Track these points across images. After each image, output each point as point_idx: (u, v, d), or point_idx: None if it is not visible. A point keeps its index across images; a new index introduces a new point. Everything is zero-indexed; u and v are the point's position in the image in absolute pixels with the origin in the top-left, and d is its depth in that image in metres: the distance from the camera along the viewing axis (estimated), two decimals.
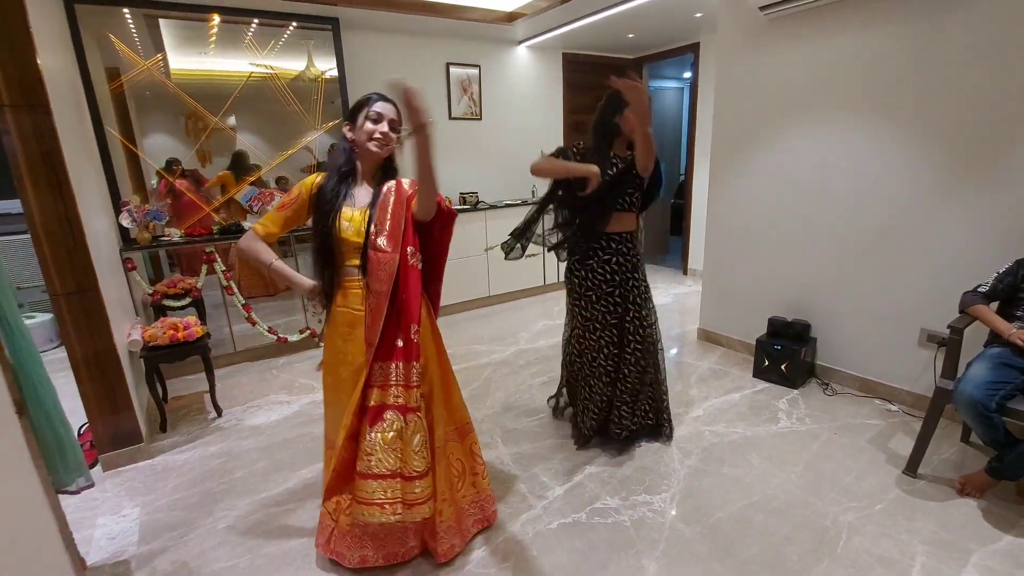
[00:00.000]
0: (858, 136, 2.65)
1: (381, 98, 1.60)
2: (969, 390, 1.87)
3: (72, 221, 2.07)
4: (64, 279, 2.09)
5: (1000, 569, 1.66)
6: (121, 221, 3.13)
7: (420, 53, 4.37)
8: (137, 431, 2.40)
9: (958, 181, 2.36)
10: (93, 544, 1.91)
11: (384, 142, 1.59)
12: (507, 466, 2.28)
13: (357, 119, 1.59)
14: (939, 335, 2.41)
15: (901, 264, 2.59)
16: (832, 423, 2.55)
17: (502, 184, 5.05)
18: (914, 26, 2.37)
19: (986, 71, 2.20)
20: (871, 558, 1.72)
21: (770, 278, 3.18)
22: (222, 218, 3.68)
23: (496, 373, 3.27)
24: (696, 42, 4.88)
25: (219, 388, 2.95)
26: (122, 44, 3.24)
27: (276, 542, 1.88)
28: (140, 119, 3.45)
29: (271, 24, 3.66)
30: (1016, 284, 2.03)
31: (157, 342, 2.59)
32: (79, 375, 2.21)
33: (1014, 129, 2.17)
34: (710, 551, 1.77)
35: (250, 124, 3.78)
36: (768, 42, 2.94)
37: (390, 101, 1.60)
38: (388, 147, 1.60)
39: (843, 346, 2.91)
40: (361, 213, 1.60)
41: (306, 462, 2.36)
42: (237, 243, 1.69)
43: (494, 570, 1.72)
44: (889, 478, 2.12)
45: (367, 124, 1.57)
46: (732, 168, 3.28)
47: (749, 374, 3.09)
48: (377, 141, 1.58)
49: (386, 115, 1.58)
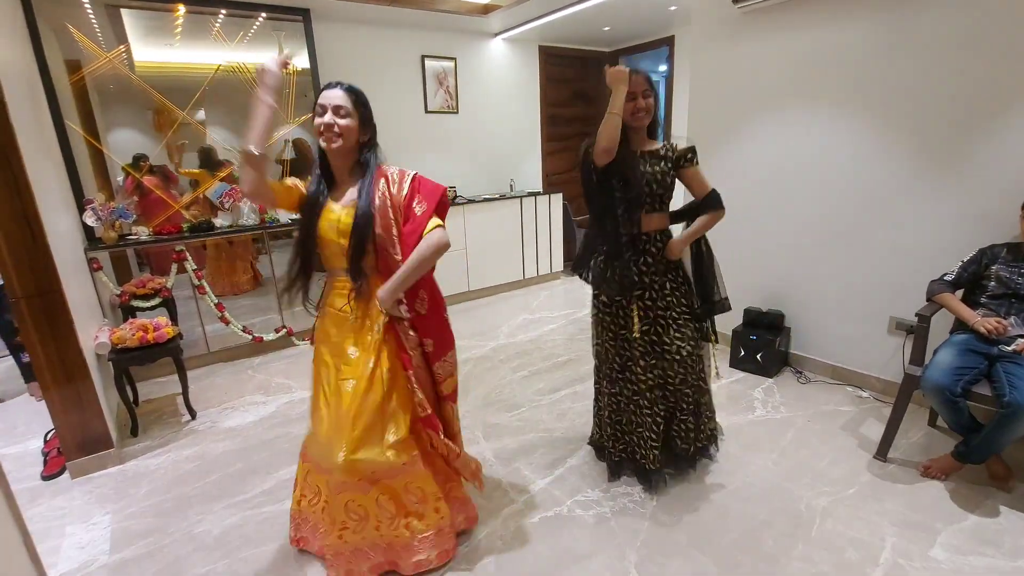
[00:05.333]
0: (829, 128, 2.70)
1: (329, 86, 1.49)
2: (936, 376, 1.92)
3: (31, 220, 1.99)
4: (24, 281, 2.02)
5: (966, 547, 1.72)
6: (85, 220, 3.02)
7: (394, 45, 4.30)
8: (106, 436, 2.33)
9: (925, 172, 2.42)
10: (61, 554, 1.85)
11: (330, 134, 1.47)
12: (489, 461, 2.28)
13: None
14: (907, 323, 2.48)
15: (871, 254, 2.65)
16: (806, 411, 2.60)
17: (480, 178, 5.02)
18: (884, 20, 2.42)
19: (953, 64, 2.26)
20: (844, 540, 1.76)
21: (745, 269, 3.23)
22: (192, 215, 3.58)
23: (476, 368, 3.26)
24: (671, 35, 4.90)
25: (193, 390, 2.88)
26: (82, 35, 3.11)
27: (253, 546, 1.84)
28: (104, 114, 3.33)
29: (239, 15, 3.56)
30: (980, 272, 2.10)
31: (126, 344, 2.52)
32: (43, 380, 2.14)
33: (979, 121, 2.23)
34: (690, 539, 1.80)
35: (220, 118, 3.68)
36: (742, 35, 2.97)
37: (336, 84, 1.49)
38: (337, 137, 1.48)
39: (816, 335, 2.97)
40: (346, 212, 1.52)
41: (283, 463, 2.32)
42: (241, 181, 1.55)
43: (476, 565, 1.72)
44: (860, 463, 2.18)
45: (316, 119, 1.49)
46: (707, 161, 3.26)
47: (726, 364, 3.14)
48: (324, 136, 1.48)
49: (330, 104, 1.46)
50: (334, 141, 1.48)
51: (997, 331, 1.92)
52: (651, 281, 1.97)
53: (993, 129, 2.19)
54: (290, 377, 3.24)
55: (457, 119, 4.77)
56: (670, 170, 1.94)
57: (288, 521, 1.84)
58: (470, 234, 4.57)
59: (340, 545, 1.61)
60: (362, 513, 1.60)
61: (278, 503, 2.05)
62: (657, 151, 1.95)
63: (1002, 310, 2.01)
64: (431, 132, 4.65)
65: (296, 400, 2.92)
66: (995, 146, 2.20)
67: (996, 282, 2.04)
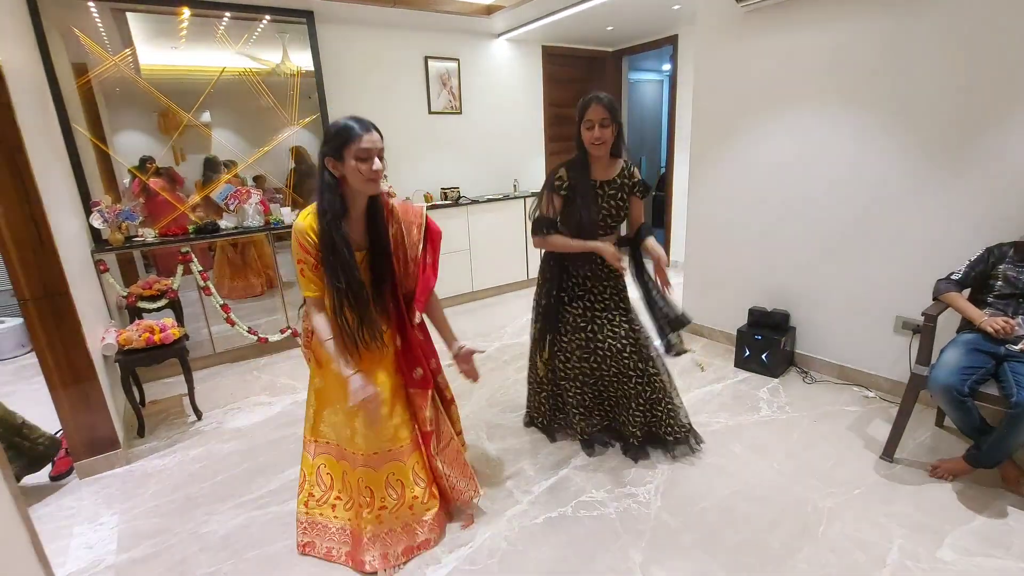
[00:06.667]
0: (835, 127, 2.68)
1: (364, 127, 1.46)
2: (943, 376, 1.91)
3: (39, 223, 2.00)
4: (32, 283, 2.03)
5: (974, 548, 1.71)
6: (92, 222, 3.04)
7: (398, 46, 4.31)
8: (114, 437, 2.34)
9: (931, 171, 2.40)
10: (69, 554, 1.86)
11: (379, 179, 1.50)
12: (493, 461, 2.28)
13: (344, 156, 1.45)
14: (914, 322, 2.46)
15: (877, 253, 2.64)
16: (812, 411, 2.59)
17: (483, 178, 5.02)
18: (889, 17, 2.41)
19: (960, 62, 2.24)
20: (851, 542, 1.75)
21: (750, 269, 3.22)
22: (198, 217, 3.60)
23: (480, 369, 3.23)
24: (675, 34, 4.89)
25: (199, 391, 2.89)
26: (88, 39, 3.13)
27: (259, 546, 1.85)
28: (110, 116, 3.35)
29: (243, 17, 3.57)
30: (987, 271, 2.08)
31: (132, 345, 2.53)
32: (51, 381, 2.15)
33: (986, 119, 2.21)
34: (695, 540, 1.79)
35: (225, 120, 3.70)
36: (746, 34, 2.96)
37: (372, 128, 1.47)
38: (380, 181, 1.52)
39: (821, 335, 2.95)
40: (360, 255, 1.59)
41: (289, 463, 2.32)
42: (312, 323, 1.61)
43: (480, 566, 1.72)
44: (867, 463, 2.17)
45: (359, 164, 1.45)
46: (712, 160, 3.30)
47: (731, 364, 3.13)
48: (374, 182, 1.49)
49: (375, 150, 1.46)
50: (379, 185, 1.53)
51: (1004, 330, 1.91)
52: (592, 286, 2.18)
53: (1000, 127, 2.18)
54: (295, 378, 3.25)
55: (460, 120, 4.78)
56: (624, 200, 2.13)
57: (291, 522, 1.85)
58: (474, 234, 4.57)
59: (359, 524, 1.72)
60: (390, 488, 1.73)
61: (284, 503, 2.06)
62: (614, 180, 2.10)
63: (1009, 309, 1.99)
64: (434, 133, 4.66)
65: (301, 401, 2.93)
66: (1002, 144, 2.18)
67: (1003, 281, 2.02)
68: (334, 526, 1.77)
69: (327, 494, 1.79)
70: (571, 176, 2.06)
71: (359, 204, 1.57)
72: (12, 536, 1.32)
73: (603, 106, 1.93)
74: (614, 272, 2.16)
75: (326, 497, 1.79)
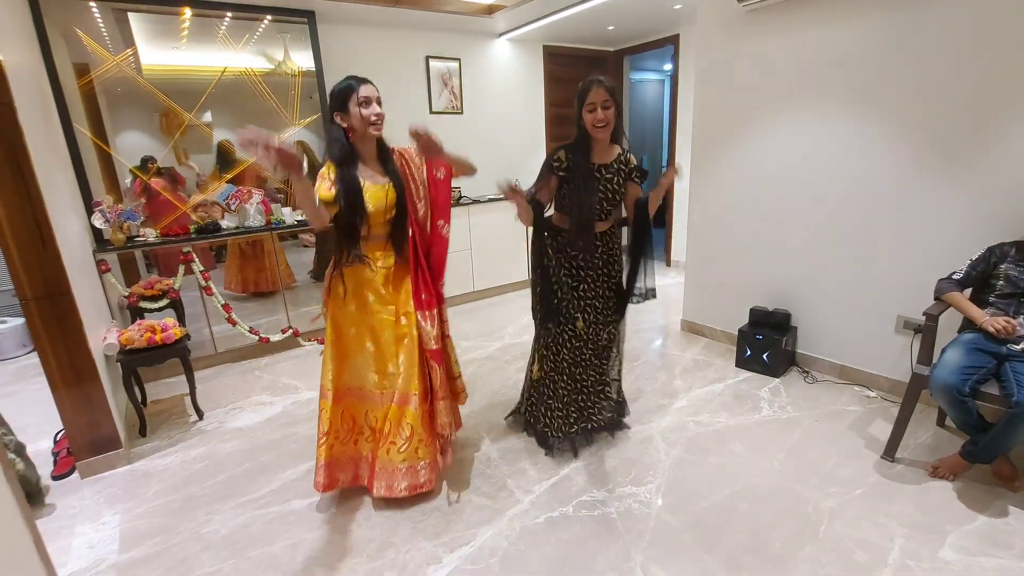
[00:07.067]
0: (836, 127, 2.68)
1: (360, 81, 1.73)
2: (944, 375, 1.91)
3: (40, 222, 2.00)
4: (34, 283, 2.03)
5: (976, 548, 1.71)
6: (94, 222, 3.05)
7: (399, 46, 4.31)
8: (115, 436, 2.35)
9: (933, 171, 2.40)
10: (71, 554, 1.86)
11: (380, 122, 1.74)
12: (494, 461, 2.28)
13: (348, 107, 1.72)
14: (915, 322, 2.46)
15: (878, 252, 2.64)
16: (813, 411, 2.59)
17: (485, 178, 5.00)
18: (891, 16, 2.40)
19: (961, 61, 2.24)
20: (852, 542, 1.75)
21: (751, 268, 3.22)
22: (199, 217, 3.60)
23: (482, 369, 3.26)
24: (676, 34, 4.89)
25: (200, 390, 2.90)
26: (90, 39, 3.14)
27: (261, 546, 1.85)
28: (112, 116, 3.36)
29: (245, 17, 3.58)
30: (988, 271, 2.08)
31: (134, 345, 2.53)
32: (53, 381, 2.15)
33: (988, 119, 2.21)
34: (696, 540, 1.79)
35: (227, 120, 3.70)
36: (747, 34, 2.96)
37: (367, 80, 1.74)
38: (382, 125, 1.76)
39: (823, 334, 2.95)
40: (382, 190, 1.81)
41: (291, 463, 2.33)
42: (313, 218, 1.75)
43: (481, 565, 1.72)
44: (868, 463, 2.17)
45: (360, 110, 1.71)
46: (713, 160, 3.30)
47: (732, 364, 3.13)
48: (375, 125, 1.74)
49: (373, 96, 1.74)
50: (381, 128, 1.77)
51: (1006, 330, 1.91)
52: (586, 275, 2.19)
53: (1001, 127, 2.17)
54: (297, 377, 3.25)
55: (462, 119, 4.78)
56: (620, 185, 2.12)
57: (292, 521, 1.86)
58: (475, 234, 4.57)
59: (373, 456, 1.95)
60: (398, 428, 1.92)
61: (285, 503, 2.07)
62: (612, 164, 2.09)
63: (1011, 309, 1.99)
64: (436, 132, 4.64)
65: (303, 400, 2.93)
66: (1004, 144, 2.18)
67: (1005, 281, 2.02)
68: (361, 455, 2.01)
69: (351, 433, 2.00)
70: (570, 158, 2.06)
71: (369, 149, 1.83)
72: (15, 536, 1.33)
73: (605, 88, 1.94)
74: (608, 257, 2.20)
75: (350, 436, 2.00)
